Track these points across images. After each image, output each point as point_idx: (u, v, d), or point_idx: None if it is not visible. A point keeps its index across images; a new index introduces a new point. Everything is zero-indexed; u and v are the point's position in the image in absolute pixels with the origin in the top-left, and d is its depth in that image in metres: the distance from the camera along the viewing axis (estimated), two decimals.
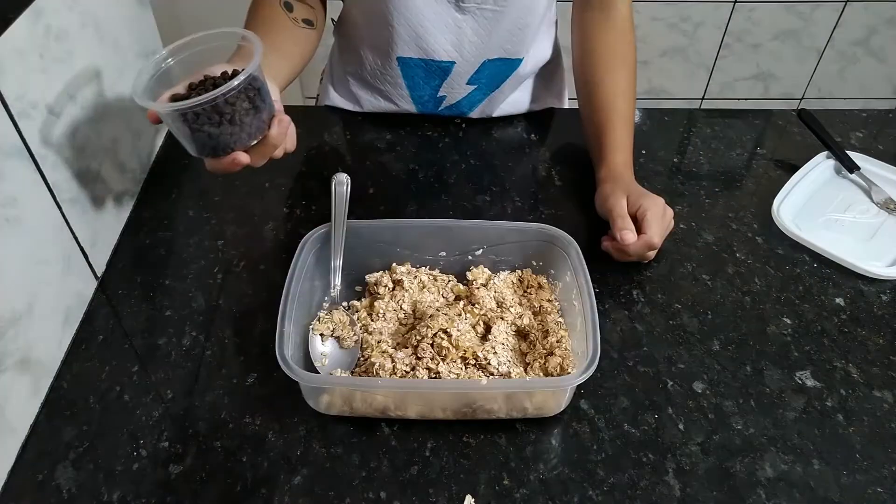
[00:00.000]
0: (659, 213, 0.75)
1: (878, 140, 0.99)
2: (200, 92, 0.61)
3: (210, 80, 0.63)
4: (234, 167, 0.63)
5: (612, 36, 0.89)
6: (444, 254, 0.75)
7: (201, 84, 0.63)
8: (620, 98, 0.87)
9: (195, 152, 0.64)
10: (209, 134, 0.61)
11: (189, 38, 0.66)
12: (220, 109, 0.60)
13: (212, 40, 0.67)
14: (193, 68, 0.65)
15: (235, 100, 0.60)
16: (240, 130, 0.62)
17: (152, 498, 0.58)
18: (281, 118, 0.65)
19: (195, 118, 0.60)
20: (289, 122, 0.66)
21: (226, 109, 0.60)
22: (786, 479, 0.60)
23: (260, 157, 0.65)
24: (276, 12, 0.83)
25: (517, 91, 1.01)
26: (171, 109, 0.59)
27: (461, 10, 0.86)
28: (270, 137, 0.64)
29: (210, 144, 0.62)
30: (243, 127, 0.62)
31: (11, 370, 0.60)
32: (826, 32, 2.07)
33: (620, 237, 0.74)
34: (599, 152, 0.86)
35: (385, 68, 0.94)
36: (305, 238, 0.70)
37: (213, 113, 0.60)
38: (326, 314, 0.70)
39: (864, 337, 0.72)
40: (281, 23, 0.83)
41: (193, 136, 0.61)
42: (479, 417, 0.63)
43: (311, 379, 0.60)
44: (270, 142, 0.65)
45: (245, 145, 0.63)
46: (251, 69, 0.60)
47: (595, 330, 0.62)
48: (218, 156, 0.63)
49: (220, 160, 0.63)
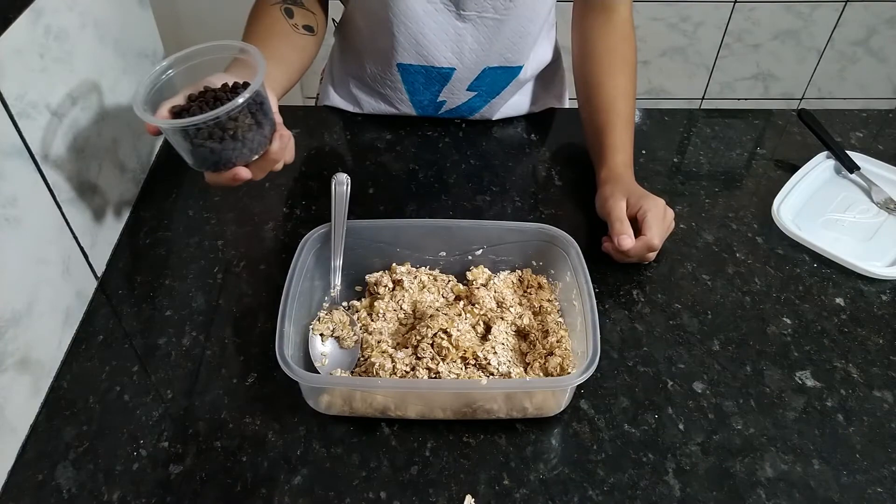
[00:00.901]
0: (659, 215, 0.75)
1: (878, 140, 0.99)
2: (201, 104, 0.60)
3: (211, 92, 0.62)
4: (234, 182, 0.63)
5: (613, 38, 0.89)
6: (444, 254, 0.75)
7: (201, 96, 0.62)
8: (621, 99, 0.87)
9: (195, 166, 0.63)
10: (211, 149, 0.60)
11: (191, 50, 0.65)
12: (223, 125, 0.59)
13: (214, 52, 0.66)
14: (194, 79, 0.64)
15: (238, 115, 0.59)
16: (242, 146, 0.61)
17: (152, 498, 0.58)
18: (282, 133, 0.64)
19: (196, 133, 0.59)
20: (290, 137, 0.66)
21: (228, 125, 0.59)
22: (786, 479, 0.60)
23: (260, 171, 0.65)
24: (276, 18, 0.82)
25: (517, 94, 1.01)
26: (173, 126, 0.58)
27: (462, 18, 0.86)
28: (271, 153, 0.64)
29: (211, 159, 0.61)
30: (245, 143, 0.61)
31: (11, 370, 0.60)
32: (826, 32, 2.07)
33: (618, 242, 0.74)
34: (600, 153, 0.85)
35: (385, 73, 0.94)
36: (305, 238, 0.70)
37: (215, 129, 0.59)
38: (326, 314, 0.70)
39: (864, 337, 0.72)
40: (281, 29, 0.82)
41: (194, 150, 0.60)
42: (479, 417, 0.63)
43: (311, 379, 0.60)
44: (271, 157, 0.64)
45: (246, 160, 0.63)
46: (255, 86, 0.59)
47: (595, 330, 0.62)
48: (219, 170, 0.62)
49: (220, 174, 0.62)
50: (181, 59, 0.65)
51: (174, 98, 0.62)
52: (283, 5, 0.83)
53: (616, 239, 0.75)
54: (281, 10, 0.83)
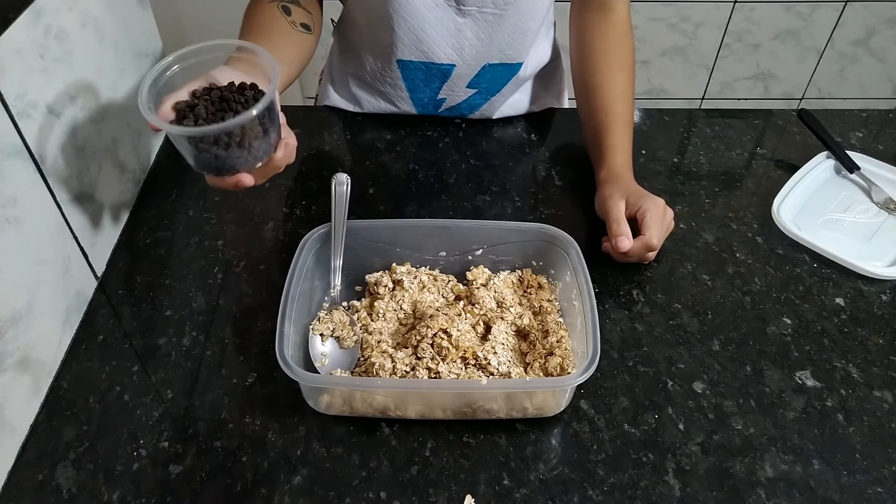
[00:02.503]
0: (659, 215, 0.75)
1: (878, 140, 0.99)
2: (206, 104, 0.59)
3: (216, 91, 0.60)
4: (236, 188, 0.62)
5: (611, 38, 0.89)
6: (444, 254, 0.75)
7: (206, 93, 0.60)
8: (619, 100, 0.87)
9: (198, 169, 0.62)
10: (216, 156, 0.59)
11: (196, 47, 0.63)
12: (231, 132, 0.58)
13: (219, 51, 0.65)
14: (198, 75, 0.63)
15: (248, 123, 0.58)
16: (247, 154, 0.60)
17: (152, 498, 0.58)
18: (288, 142, 0.64)
19: (202, 138, 0.57)
20: (294, 145, 0.65)
21: (236, 132, 0.58)
22: (786, 479, 0.60)
23: (262, 176, 0.64)
24: (274, 16, 0.81)
25: (517, 93, 1.01)
26: (182, 133, 0.57)
27: (462, 13, 0.86)
28: (275, 160, 0.63)
29: (215, 165, 0.60)
30: (251, 151, 0.60)
31: (11, 370, 0.60)
32: (826, 32, 2.07)
33: (615, 244, 0.74)
34: (599, 154, 0.85)
35: (385, 71, 0.94)
36: (305, 238, 0.70)
37: (222, 135, 0.58)
38: (326, 314, 0.70)
39: (864, 337, 0.72)
40: (279, 26, 0.81)
41: (198, 155, 0.59)
42: (479, 417, 0.63)
43: (312, 379, 0.60)
44: (275, 164, 0.63)
45: (250, 168, 0.61)
46: (270, 96, 0.58)
47: (595, 330, 0.62)
48: (221, 175, 0.61)
49: (223, 179, 0.61)
50: (184, 56, 0.63)
51: (177, 93, 0.61)
52: (280, 3, 0.82)
53: (614, 240, 0.75)
54: (278, 8, 0.82)
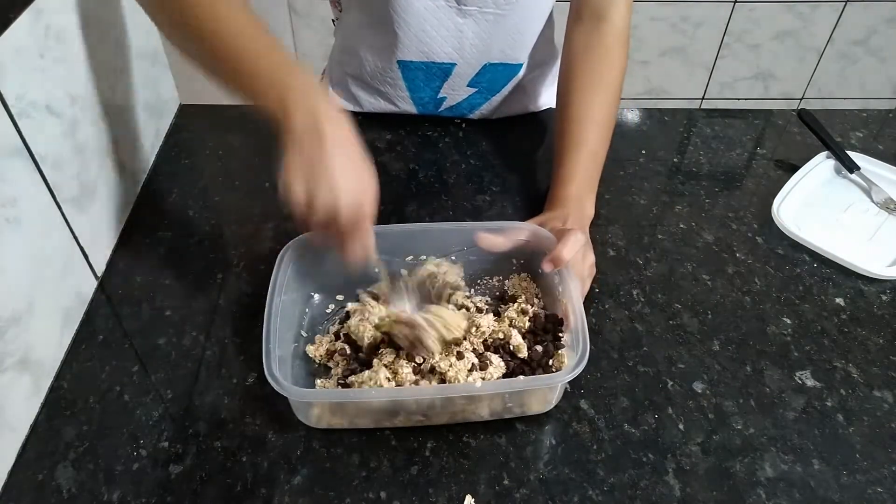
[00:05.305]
0: (580, 242, 0.67)
1: (878, 140, 0.99)
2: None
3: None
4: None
5: (596, 52, 0.84)
6: (424, 257, 0.73)
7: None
8: (588, 126, 0.81)
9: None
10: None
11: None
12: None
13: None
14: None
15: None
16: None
17: (152, 498, 0.58)
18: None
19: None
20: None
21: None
22: (786, 479, 0.60)
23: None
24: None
25: (517, 93, 1.01)
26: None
27: (463, 14, 0.86)
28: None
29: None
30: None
31: (11, 370, 0.60)
32: (826, 32, 2.07)
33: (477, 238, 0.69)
34: (553, 179, 0.82)
35: (385, 70, 0.94)
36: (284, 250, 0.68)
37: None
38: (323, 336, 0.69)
39: (864, 337, 0.72)
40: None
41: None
42: (469, 419, 0.63)
43: (300, 394, 0.59)
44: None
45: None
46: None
47: (583, 326, 0.61)
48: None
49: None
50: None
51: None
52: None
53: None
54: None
